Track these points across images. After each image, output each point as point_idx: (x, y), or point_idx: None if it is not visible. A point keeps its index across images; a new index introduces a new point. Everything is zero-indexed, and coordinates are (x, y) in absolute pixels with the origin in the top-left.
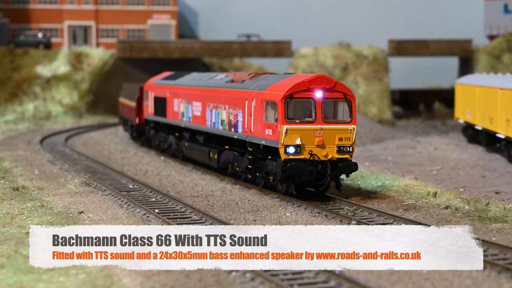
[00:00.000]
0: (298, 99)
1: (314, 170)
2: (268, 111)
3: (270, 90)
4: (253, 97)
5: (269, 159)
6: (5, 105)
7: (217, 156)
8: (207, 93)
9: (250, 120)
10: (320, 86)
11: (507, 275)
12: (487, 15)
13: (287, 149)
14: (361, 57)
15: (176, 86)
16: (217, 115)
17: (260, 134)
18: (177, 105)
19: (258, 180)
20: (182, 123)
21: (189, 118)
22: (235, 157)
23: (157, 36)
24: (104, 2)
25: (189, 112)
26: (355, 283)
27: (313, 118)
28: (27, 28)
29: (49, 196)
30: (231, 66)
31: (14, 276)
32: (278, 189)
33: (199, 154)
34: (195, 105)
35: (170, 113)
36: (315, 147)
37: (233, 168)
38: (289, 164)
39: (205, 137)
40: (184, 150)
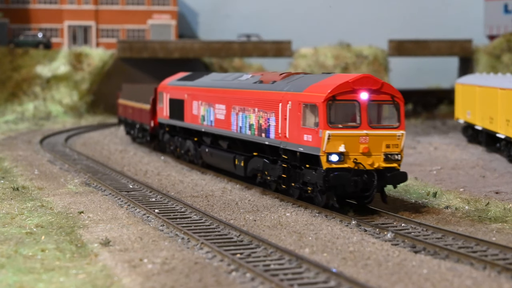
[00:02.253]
0: (341, 101)
1: (359, 181)
2: (306, 114)
3: (309, 92)
4: (288, 99)
5: (307, 167)
6: (5, 105)
7: (243, 164)
8: (232, 95)
9: (284, 125)
10: (365, 87)
11: (507, 275)
12: (487, 15)
13: (329, 157)
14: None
15: (195, 88)
16: (244, 118)
17: (297, 140)
18: (196, 107)
19: (292, 190)
20: (203, 127)
21: (211, 122)
22: (265, 164)
23: (157, 36)
24: (104, 2)
25: (211, 115)
26: (355, 283)
27: (357, 122)
28: (27, 28)
29: (49, 196)
30: (231, 66)
31: (14, 276)
32: (317, 201)
33: (222, 161)
34: (218, 108)
35: (188, 116)
36: (360, 155)
37: (262, 177)
38: (332, 174)
39: (229, 143)
40: (204, 157)
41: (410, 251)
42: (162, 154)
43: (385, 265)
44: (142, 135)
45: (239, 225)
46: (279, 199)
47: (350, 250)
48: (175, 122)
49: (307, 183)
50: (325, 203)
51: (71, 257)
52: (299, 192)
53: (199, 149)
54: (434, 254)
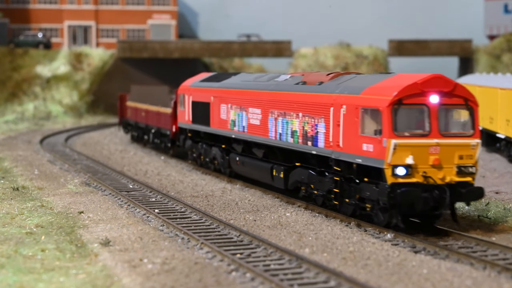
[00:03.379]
0: (408, 105)
1: (429, 198)
2: (366, 121)
3: (369, 94)
4: (341, 103)
5: (366, 181)
6: (5, 105)
7: (283, 175)
8: (270, 98)
9: (337, 132)
10: (436, 89)
11: (507, 275)
12: (487, 15)
13: (395, 170)
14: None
15: (223, 89)
16: (285, 124)
17: (353, 149)
18: (225, 111)
19: (344, 207)
20: (233, 133)
21: (243, 128)
22: (311, 177)
23: (157, 36)
24: (104, 2)
25: (243, 120)
26: (355, 283)
27: (426, 130)
28: (27, 28)
29: (49, 196)
30: (231, 66)
31: (14, 276)
32: (377, 220)
33: (256, 171)
34: (251, 112)
35: (214, 121)
36: (430, 167)
37: (307, 190)
38: (400, 190)
39: (265, 151)
40: (233, 166)
41: (410, 251)
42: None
43: (385, 265)
44: (159, 140)
45: (239, 225)
46: (279, 199)
47: (350, 250)
48: (198, 127)
49: (365, 199)
50: (387, 222)
51: (71, 257)
52: (353, 209)
53: (228, 157)
54: (434, 254)
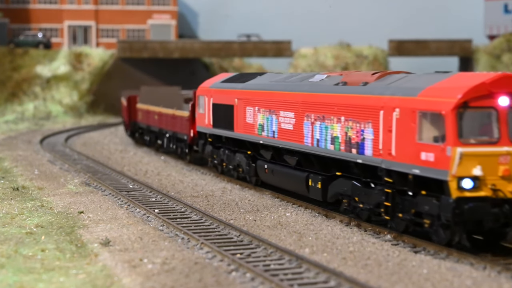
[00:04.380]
0: (475, 109)
1: (500, 214)
2: (425, 126)
3: (428, 96)
4: (394, 106)
5: (423, 194)
6: (5, 105)
7: (321, 186)
8: (306, 100)
9: (388, 138)
10: (505, 91)
11: (507, 275)
12: (487, 15)
13: (461, 183)
14: (361, 57)
15: (249, 91)
16: (324, 129)
17: (408, 158)
18: (251, 115)
19: (396, 222)
20: (261, 138)
21: (273, 133)
22: (356, 188)
23: (157, 36)
24: (104, 2)
25: (273, 124)
26: (355, 283)
27: (495, 137)
28: (27, 28)
29: (49, 196)
30: (231, 66)
31: (14, 276)
32: (437, 238)
33: (288, 181)
34: (283, 115)
35: (239, 125)
36: (499, 179)
37: (351, 203)
38: (467, 206)
39: (299, 159)
40: (261, 174)
41: (410, 251)
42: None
43: (385, 265)
44: (175, 146)
45: (239, 225)
46: (279, 199)
47: (350, 250)
48: (220, 131)
49: (423, 215)
50: (449, 240)
51: (71, 257)
52: (405, 224)
53: (255, 165)
54: (434, 254)
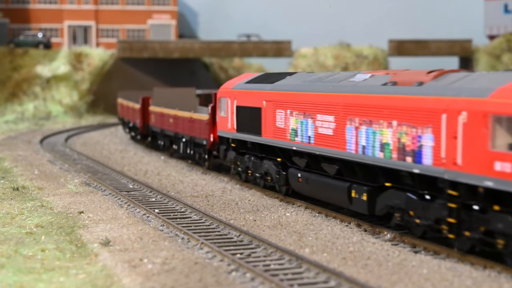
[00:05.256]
0: None
1: None
2: (499, 132)
3: (502, 98)
4: (459, 109)
5: (496, 210)
6: (5, 105)
7: (367, 197)
8: (349, 102)
9: (453, 146)
10: None
11: (507, 275)
12: (487, 15)
13: None
14: (361, 57)
15: (279, 92)
16: (371, 135)
17: (479, 169)
18: (282, 118)
19: (461, 241)
20: (294, 144)
21: (308, 138)
22: (411, 201)
23: (157, 36)
24: (104, 2)
25: (308, 129)
26: (355, 283)
27: None
28: (27, 28)
29: (49, 196)
30: (231, 66)
31: (14, 276)
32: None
33: (327, 191)
34: (320, 119)
35: (268, 130)
36: None
37: (403, 218)
38: None
39: (339, 167)
40: (293, 183)
41: (410, 251)
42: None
43: (385, 265)
44: (193, 151)
45: (239, 225)
46: (279, 199)
47: (350, 250)
48: (246, 136)
49: (495, 233)
50: None
51: (71, 257)
52: (470, 244)
53: (286, 173)
54: (434, 254)
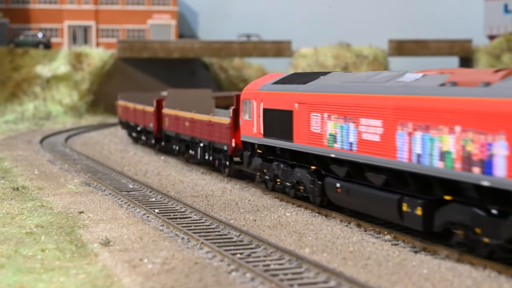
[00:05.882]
0: None
1: None
2: None
3: None
4: None
5: None
6: (5, 105)
7: (422, 212)
8: (399, 105)
9: None
10: None
11: (507, 275)
12: (487, 15)
13: None
14: (361, 57)
15: (314, 94)
16: (428, 142)
17: None
18: (318, 122)
19: None
20: (332, 151)
21: (349, 145)
22: (478, 218)
23: (157, 36)
24: (104, 2)
25: (350, 134)
26: (355, 283)
27: None
28: (27, 28)
29: (49, 196)
30: (231, 66)
31: (14, 276)
32: None
33: (371, 204)
34: (365, 123)
35: (301, 135)
36: None
37: (468, 235)
38: None
39: (387, 177)
40: (330, 194)
41: (410, 251)
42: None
43: (385, 265)
44: (212, 157)
45: (239, 225)
46: (279, 199)
47: (350, 250)
48: (274, 141)
49: None
50: None
51: (71, 257)
52: None
53: (322, 182)
54: (434, 254)
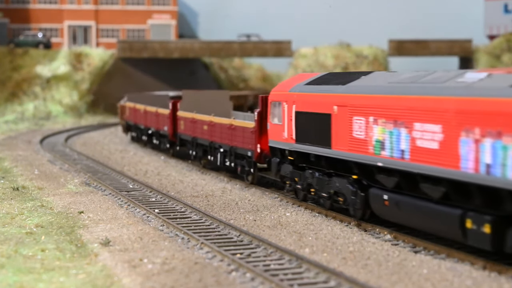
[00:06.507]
0: None
1: None
2: None
3: None
4: None
5: None
6: (5, 105)
7: (491, 230)
8: (463, 108)
9: None
10: None
11: (507, 275)
12: (487, 15)
13: None
14: (361, 57)
15: (356, 96)
16: (501, 151)
17: None
18: (362, 127)
19: None
20: (379, 159)
21: (401, 152)
22: None
23: (157, 36)
24: (104, 2)
25: (401, 140)
26: (355, 283)
27: None
28: (27, 28)
29: (49, 196)
30: (231, 66)
31: (14, 276)
32: None
33: (427, 219)
34: (419, 128)
35: (340, 141)
36: None
37: None
38: None
39: (447, 190)
40: (376, 207)
41: (410, 251)
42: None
43: (385, 265)
44: (234, 163)
45: (239, 225)
46: (279, 199)
47: (350, 250)
48: (308, 148)
49: None
50: None
51: (71, 257)
52: None
53: (364, 194)
54: (434, 254)
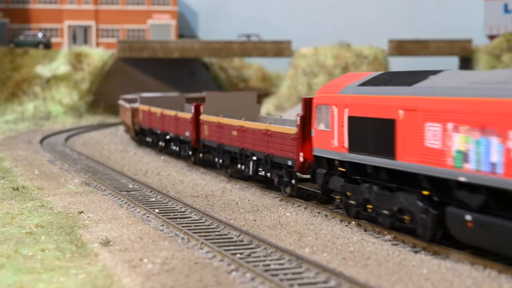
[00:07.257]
0: None
1: None
2: None
3: None
4: None
5: None
6: (5, 105)
7: None
8: None
9: None
10: None
11: (507, 275)
12: (487, 15)
13: None
14: (361, 57)
15: (428, 98)
16: None
17: None
18: (437, 135)
19: None
20: (462, 173)
21: (491, 166)
22: None
23: (157, 36)
24: (104, 2)
25: (492, 152)
26: (355, 283)
27: None
28: (27, 28)
29: (49, 196)
30: (231, 66)
31: (14, 276)
32: None
33: None
34: None
35: (408, 150)
36: None
37: None
38: None
39: None
40: (455, 228)
41: (410, 251)
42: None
43: (385, 265)
44: (270, 173)
45: (239, 225)
46: (279, 199)
47: (350, 250)
48: (366, 158)
49: None
50: None
51: (71, 257)
52: None
53: (437, 212)
54: (434, 254)
